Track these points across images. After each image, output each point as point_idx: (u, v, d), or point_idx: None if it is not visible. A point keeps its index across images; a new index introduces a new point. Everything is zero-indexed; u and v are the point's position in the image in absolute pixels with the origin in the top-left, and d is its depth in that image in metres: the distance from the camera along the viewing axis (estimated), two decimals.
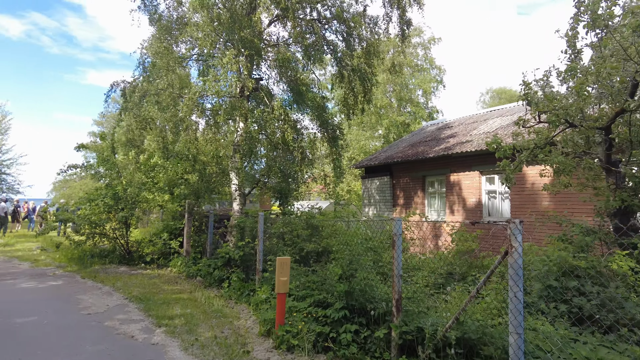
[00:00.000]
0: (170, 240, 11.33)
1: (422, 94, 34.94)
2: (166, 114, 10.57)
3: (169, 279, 9.60)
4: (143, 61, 11.09)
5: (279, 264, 5.20)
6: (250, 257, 8.50)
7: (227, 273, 8.76)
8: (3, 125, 33.72)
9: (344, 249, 5.42)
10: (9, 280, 9.31)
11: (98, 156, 12.03)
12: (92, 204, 11.24)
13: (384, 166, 15.81)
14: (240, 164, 11.42)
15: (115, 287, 8.53)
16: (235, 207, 11.61)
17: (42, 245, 14.64)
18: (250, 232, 8.59)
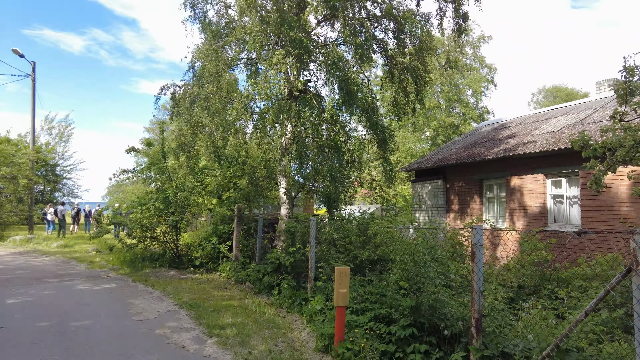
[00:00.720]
0: (219, 245, 11.24)
1: (472, 94, 33.51)
2: (216, 119, 10.48)
3: (218, 284, 9.44)
4: (193, 65, 11.10)
5: (338, 274, 4.76)
6: (301, 263, 8.14)
7: (277, 279, 8.44)
8: (66, 134, 35.83)
9: (409, 259, 4.89)
10: (67, 282, 9.51)
11: (149, 160, 12.18)
12: (143, 207, 11.36)
13: (437, 169, 15.04)
14: (288, 168, 11.15)
15: (166, 292, 8.44)
16: (283, 212, 11.34)
17: (97, 247, 15.10)
18: (301, 238, 8.24)
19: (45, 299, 7.72)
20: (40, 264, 12.19)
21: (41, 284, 9.14)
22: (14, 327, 6.00)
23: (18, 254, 14.68)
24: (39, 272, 10.70)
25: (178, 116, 11.46)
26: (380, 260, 7.51)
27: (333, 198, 10.51)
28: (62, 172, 34.27)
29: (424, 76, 11.90)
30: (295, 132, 11.18)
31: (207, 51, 10.43)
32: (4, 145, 20.06)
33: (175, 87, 12.09)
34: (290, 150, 11.24)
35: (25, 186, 20.01)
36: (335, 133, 9.97)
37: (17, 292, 8.28)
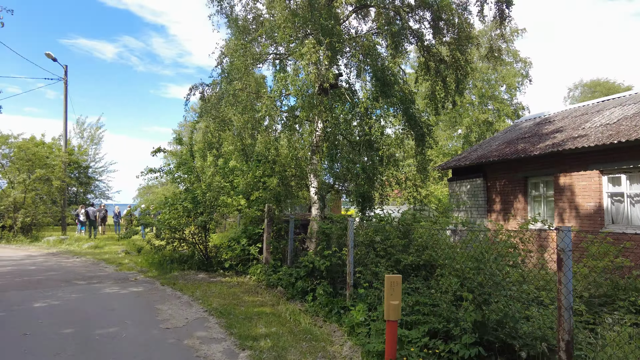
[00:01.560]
0: (249, 246, 10.78)
1: (506, 89, 32.11)
2: (244, 115, 10.05)
3: (249, 288, 8.96)
4: (221, 61, 10.71)
5: (389, 283, 4.15)
6: (337, 268, 7.55)
7: (311, 284, 7.88)
8: (97, 137, 36.55)
9: (471, 266, 4.22)
10: (95, 284, 9.26)
11: (177, 160, 11.89)
12: (171, 208, 11.05)
13: (476, 167, 14.16)
14: (320, 166, 10.59)
15: (195, 296, 8.02)
16: (314, 212, 10.80)
17: (126, 249, 14.98)
18: (337, 240, 7.65)
19: (71, 303, 7.43)
20: (71, 266, 12.07)
21: (69, 287, 8.90)
22: (37, 334, 5.67)
23: (51, 255, 14.72)
24: (69, 274, 10.53)
25: (206, 114, 11.11)
26: (425, 266, 6.84)
27: (367, 198, 9.89)
28: (94, 174, 34.94)
29: (465, 66, 11.12)
30: (326, 129, 10.63)
31: (235, 46, 10.01)
32: (39, 148, 20.38)
33: (204, 86, 11.77)
34: (321, 147, 10.69)
35: (58, 188, 20.26)
36: (369, 128, 9.33)
37: (45, 295, 8.05)
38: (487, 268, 4.13)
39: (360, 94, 10.36)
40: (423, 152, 10.27)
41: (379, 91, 8.86)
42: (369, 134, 10.10)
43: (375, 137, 9.73)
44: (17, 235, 18.79)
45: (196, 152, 12.32)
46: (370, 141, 10.58)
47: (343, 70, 11.55)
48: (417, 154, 10.29)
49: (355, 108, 9.47)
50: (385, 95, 8.88)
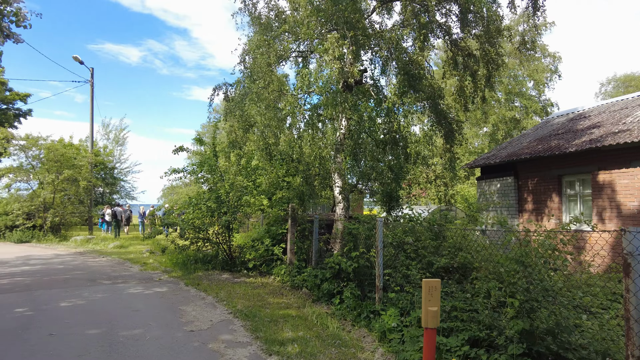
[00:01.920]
0: (272, 247, 10.61)
1: (534, 85, 31.07)
2: (267, 113, 9.87)
3: (273, 289, 8.77)
4: (244, 58, 10.57)
5: (427, 288, 3.84)
6: (365, 270, 7.26)
7: (337, 287, 7.62)
8: (121, 137, 37.24)
9: (517, 270, 3.88)
10: (120, 284, 9.24)
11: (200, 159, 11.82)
12: (195, 207, 10.97)
13: (506, 165, 13.61)
14: (344, 165, 10.33)
15: (219, 297, 7.87)
16: (338, 212, 10.54)
17: (150, 249, 15.05)
18: (364, 241, 7.36)
19: (96, 303, 7.39)
20: (96, 265, 12.16)
21: (95, 286, 8.91)
22: (62, 335, 5.60)
23: (78, 254, 14.93)
24: (94, 274, 10.58)
25: (230, 113, 10.99)
26: (458, 268, 6.48)
27: (394, 197, 9.56)
28: (119, 174, 35.58)
29: (496, 59, 10.65)
30: (350, 127, 10.36)
31: (259, 42, 9.84)
32: (67, 149, 20.80)
33: (227, 86, 11.67)
34: (345, 146, 10.43)
35: (85, 188, 20.62)
36: (397, 124, 9.00)
37: (71, 294, 8.05)
38: (535, 272, 3.78)
39: (386, 90, 10.06)
40: (452, 149, 9.86)
41: (407, 85, 8.52)
42: (396, 131, 9.78)
43: (403, 134, 9.39)
44: (47, 235, 19.21)
45: (219, 152, 12.23)
46: (396, 139, 10.26)
47: (367, 66, 11.26)
48: (445, 151, 9.90)
49: (381, 104, 9.15)
50: (413, 89, 8.55)
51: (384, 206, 9.26)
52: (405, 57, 8.60)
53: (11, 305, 7.17)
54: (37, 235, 19.11)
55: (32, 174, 20.33)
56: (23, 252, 15.21)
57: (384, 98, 9.30)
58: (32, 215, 19.55)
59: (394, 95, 8.74)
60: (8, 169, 20.33)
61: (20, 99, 28.94)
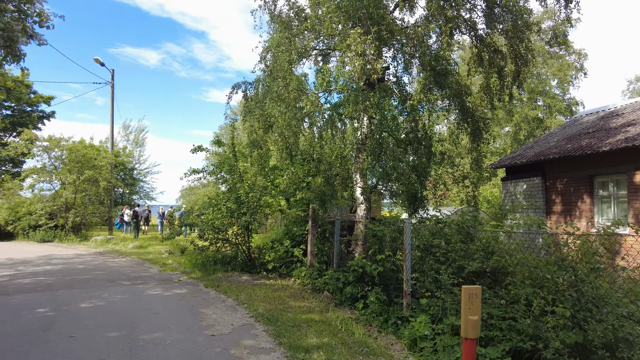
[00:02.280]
0: (292, 248, 10.40)
1: (558, 84, 30.20)
2: (288, 113, 9.67)
3: (294, 292, 8.55)
4: (264, 57, 10.40)
5: (467, 295, 3.56)
6: (391, 274, 6.98)
7: (361, 291, 7.36)
8: (140, 139, 37.69)
9: (565, 277, 3.56)
10: (139, 285, 9.16)
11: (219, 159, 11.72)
12: (214, 208, 10.85)
13: (533, 165, 13.13)
14: (366, 164, 10.06)
15: (239, 300, 7.69)
16: (359, 213, 10.26)
17: (169, 249, 15.03)
18: (390, 244, 7.07)
19: (116, 305, 7.29)
20: (116, 265, 12.16)
21: (114, 287, 8.84)
22: (83, 337, 5.49)
23: (98, 254, 15.01)
24: (114, 274, 10.55)
25: (249, 113, 10.84)
26: (490, 273, 6.15)
27: (419, 198, 9.24)
28: (139, 175, 36.01)
29: (524, 55, 10.23)
30: (372, 126, 10.08)
31: (280, 39, 9.66)
32: (87, 150, 21.04)
33: (247, 85, 11.52)
34: (367, 145, 10.17)
35: (105, 188, 20.81)
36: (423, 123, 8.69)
37: (92, 295, 7.99)
38: (588, 279, 3.46)
39: (410, 88, 9.75)
40: (479, 147, 9.50)
41: (433, 82, 8.20)
42: (420, 129, 9.47)
43: (427, 133, 9.07)
44: (68, 235, 19.43)
45: (238, 152, 12.10)
46: (419, 138, 9.96)
47: (390, 63, 10.97)
48: (472, 150, 9.53)
49: (406, 102, 8.86)
50: (439, 86, 8.23)
51: (409, 207, 8.95)
52: (431, 53, 8.29)
53: (33, 305, 7.13)
54: (59, 235, 19.35)
55: (54, 174, 20.63)
56: (46, 251, 15.38)
57: (408, 95, 8.99)
58: (54, 215, 19.82)
59: (419, 92, 8.43)
60: (32, 170, 20.67)
61: (44, 101, 29.53)
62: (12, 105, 28.25)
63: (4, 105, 27.94)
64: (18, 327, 5.91)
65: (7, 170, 27.84)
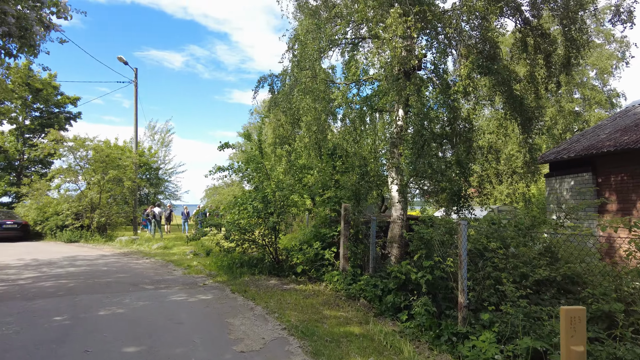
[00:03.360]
0: (322, 250, 9.71)
1: (597, 74, 28.45)
2: (317, 105, 8.99)
3: (327, 299, 7.86)
4: (292, 46, 9.74)
5: (567, 319, 2.78)
6: (440, 281, 6.19)
7: (404, 300, 6.61)
8: (166, 140, 37.78)
9: None
10: (162, 290, 8.66)
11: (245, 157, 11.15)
12: (240, 208, 10.27)
13: (582, 159, 12.03)
14: (403, 159, 9.28)
15: (269, 308, 7.05)
16: (394, 214, 9.49)
17: (194, 250, 14.59)
18: (439, 248, 6.29)
19: (137, 312, 6.76)
20: (140, 267, 11.76)
21: (137, 292, 8.36)
22: (99, 352, 4.94)
23: (122, 255, 14.71)
24: (137, 277, 10.11)
25: (276, 106, 10.22)
26: (556, 282, 5.30)
27: (463, 196, 8.41)
28: (164, 175, 36.07)
29: (577, 38, 9.24)
30: (408, 118, 9.30)
31: (308, 26, 8.99)
32: (112, 150, 20.93)
33: (273, 78, 10.90)
34: (404, 139, 9.39)
35: (129, 188, 20.64)
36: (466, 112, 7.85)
37: (112, 301, 7.50)
38: None
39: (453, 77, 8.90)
40: (530, 140, 8.58)
41: (481, 67, 7.35)
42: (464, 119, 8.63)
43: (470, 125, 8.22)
44: (94, 235, 19.32)
45: (265, 149, 11.49)
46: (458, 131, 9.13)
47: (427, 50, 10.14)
48: (523, 142, 8.62)
49: (447, 91, 8.03)
50: (487, 71, 7.36)
51: (453, 206, 8.13)
52: (477, 34, 7.45)
53: (51, 312, 6.68)
54: (85, 235, 19.26)
55: (80, 174, 20.59)
56: (71, 252, 15.19)
57: (451, 83, 8.16)
58: (80, 215, 19.75)
59: (464, 79, 7.58)
60: (58, 170, 20.70)
61: (70, 102, 29.82)
62: (41, 107, 28.61)
63: (33, 107, 28.32)
64: (32, 338, 5.42)
65: (37, 171, 28.20)
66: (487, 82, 7.75)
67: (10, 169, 28.04)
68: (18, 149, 27.40)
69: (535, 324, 4.41)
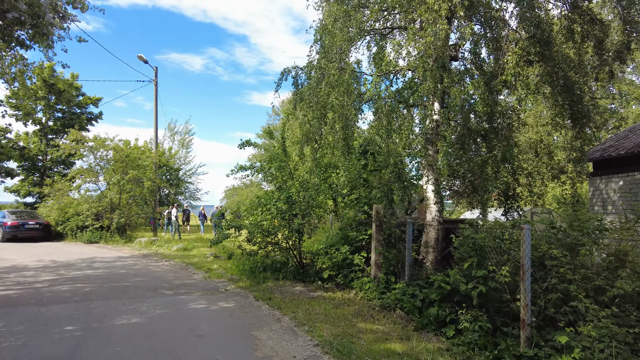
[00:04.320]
0: (350, 255, 9.04)
1: (635, 69, 26.92)
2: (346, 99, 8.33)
3: (359, 309, 7.17)
4: (319, 37, 9.10)
5: None
6: (493, 293, 5.44)
7: (449, 313, 5.88)
8: (187, 140, 37.71)
9: None
10: (182, 296, 8.13)
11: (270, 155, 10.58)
12: (263, 208, 9.68)
13: (633, 157, 11.03)
14: (440, 155, 8.54)
15: (297, 319, 6.42)
16: (429, 216, 8.75)
17: (215, 252, 14.10)
18: (496, 256, 5.53)
19: (154, 322, 6.22)
20: (159, 271, 11.30)
21: (155, 298, 7.85)
22: None
23: (141, 257, 14.34)
24: (156, 281, 9.63)
25: (301, 101, 9.59)
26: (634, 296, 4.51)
27: (511, 195, 7.61)
28: (184, 176, 35.95)
29: (637, 21, 8.33)
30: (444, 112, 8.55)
31: (337, 13, 8.34)
32: (131, 150, 20.69)
33: (297, 69, 10.27)
34: (441, 134, 8.65)
35: (149, 188, 20.37)
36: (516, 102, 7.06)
37: (129, 309, 7.00)
38: None
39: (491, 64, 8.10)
40: (583, 134, 7.74)
41: (535, 52, 6.55)
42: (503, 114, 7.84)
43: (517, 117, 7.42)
44: (113, 236, 19.09)
45: (289, 147, 10.89)
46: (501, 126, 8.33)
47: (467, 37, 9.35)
48: (575, 137, 7.77)
49: (492, 80, 7.25)
50: (540, 58, 6.56)
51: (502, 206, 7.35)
52: (529, 15, 6.65)
53: (63, 321, 6.21)
54: (104, 236, 19.04)
55: (100, 174, 20.43)
56: (90, 253, 14.90)
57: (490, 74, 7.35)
58: (100, 216, 19.57)
59: (512, 68, 6.78)
60: (78, 170, 20.59)
61: (92, 102, 29.93)
62: (63, 108, 28.78)
63: (56, 108, 28.50)
64: (40, 351, 4.92)
65: (59, 171, 28.35)
66: (538, 69, 6.94)
67: (34, 169, 28.27)
68: (41, 150, 27.59)
69: (628, 352, 3.65)
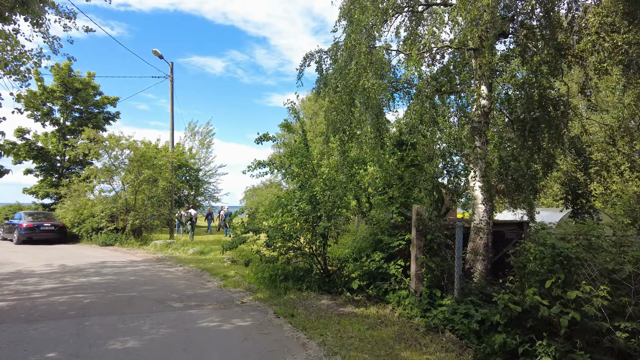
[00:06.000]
0: (384, 263, 7.83)
1: None
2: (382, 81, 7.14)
3: (400, 330, 5.96)
4: (347, 12, 7.93)
5: None
6: (586, 322, 4.15)
7: (522, 342, 4.61)
8: (207, 140, 37.13)
9: None
10: (192, 310, 7.08)
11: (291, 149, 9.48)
12: (284, 209, 8.55)
13: None
14: (491, 148, 7.26)
15: (327, 345, 5.25)
16: (477, 218, 7.49)
17: (232, 257, 13.08)
18: (586, 271, 4.24)
19: (154, 348, 5.15)
20: (171, 277, 10.32)
21: (161, 312, 6.81)
22: None
23: (154, 261, 13.45)
24: (165, 290, 8.63)
25: (326, 87, 8.44)
26: None
27: (581, 194, 6.27)
28: (204, 177, 35.33)
29: None
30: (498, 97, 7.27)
31: None
32: (146, 149, 19.92)
33: (322, 53, 9.12)
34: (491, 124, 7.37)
35: (164, 188, 19.56)
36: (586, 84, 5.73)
37: (128, 328, 5.98)
38: None
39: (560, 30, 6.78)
40: None
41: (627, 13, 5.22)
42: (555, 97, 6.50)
43: None
44: (128, 238, 18.32)
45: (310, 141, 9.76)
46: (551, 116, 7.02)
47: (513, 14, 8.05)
48: None
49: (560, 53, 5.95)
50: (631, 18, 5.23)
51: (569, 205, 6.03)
52: None
53: (49, 343, 5.22)
54: (119, 238, 18.29)
55: (115, 174, 19.74)
56: (102, 257, 14.08)
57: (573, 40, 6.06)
58: (114, 217, 18.84)
59: (592, 34, 5.47)
60: (92, 170, 19.94)
61: (109, 102, 29.48)
62: (81, 108, 28.39)
63: (74, 107, 28.13)
64: None
65: (76, 172, 27.96)
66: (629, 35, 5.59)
67: (52, 170, 27.94)
68: (59, 150, 27.23)
69: None
